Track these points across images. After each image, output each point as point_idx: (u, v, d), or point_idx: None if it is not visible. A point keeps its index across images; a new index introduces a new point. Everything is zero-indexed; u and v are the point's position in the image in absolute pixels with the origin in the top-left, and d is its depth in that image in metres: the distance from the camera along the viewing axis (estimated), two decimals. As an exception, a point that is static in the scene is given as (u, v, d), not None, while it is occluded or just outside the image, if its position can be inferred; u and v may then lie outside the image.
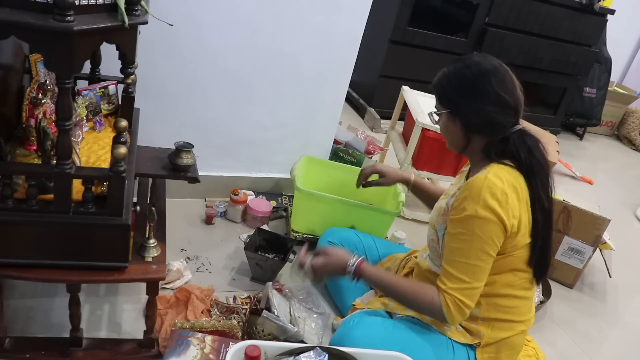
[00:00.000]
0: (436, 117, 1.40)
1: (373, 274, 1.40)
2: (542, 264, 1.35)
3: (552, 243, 1.36)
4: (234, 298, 1.68)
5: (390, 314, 1.47)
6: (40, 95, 1.25)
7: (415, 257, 1.73)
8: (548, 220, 1.32)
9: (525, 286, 1.38)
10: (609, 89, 4.68)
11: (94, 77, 1.59)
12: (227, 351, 1.35)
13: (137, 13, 1.13)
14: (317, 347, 1.16)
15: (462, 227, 1.26)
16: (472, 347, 1.37)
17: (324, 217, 1.97)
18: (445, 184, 2.84)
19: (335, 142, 2.45)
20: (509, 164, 1.29)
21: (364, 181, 1.86)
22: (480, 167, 1.33)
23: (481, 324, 1.37)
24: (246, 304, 1.65)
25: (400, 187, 2.12)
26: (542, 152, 1.32)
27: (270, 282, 1.67)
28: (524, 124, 1.38)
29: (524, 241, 1.30)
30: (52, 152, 1.18)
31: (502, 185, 1.24)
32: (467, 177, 1.45)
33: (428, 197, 1.75)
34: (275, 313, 1.50)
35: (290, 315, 1.57)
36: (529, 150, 1.29)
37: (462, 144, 1.37)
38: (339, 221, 1.95)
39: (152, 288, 1.31)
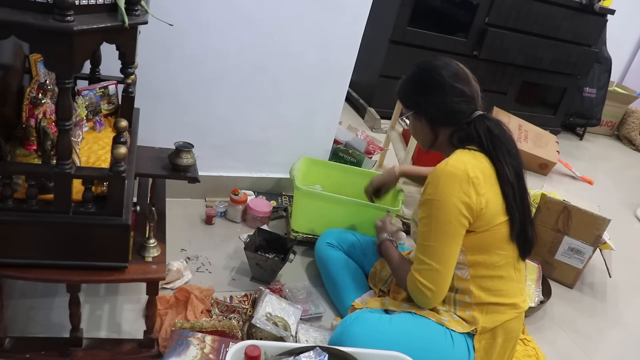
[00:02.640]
0: (407, 121, 1.53)
1: (386, 249, 1.61)
2: (524, 239, 1.38)
3: (531, 217, 1.41)
4: (231, 298, 1.68)
5: (387, 312, 1.47)
6: (40, 95, 1.25)
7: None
8: (520, 194, 1.36)
9: (512, 265, 1.40)
10: (609, 89, 4.68)
11: (94, 77, 1.59)
12: (227, 351, 1.35)
13: (137, 13, 1.13)
14: (317, 347, 1.16)
15: (423, 211, 1.35)
16: (470, 335, 1.38)
17: (324, 216, 1.97)
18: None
19: (335, 142, 2.45)
20: (472, 147, 1.36)
21: (372, 195, 1.97)
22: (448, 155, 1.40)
23: (475, 309, 1.38)
24: (244, 301, 1.65)
25: (400, 185, 2.14)
26: (503, 130, 1.39)
27: (268, 289, 1.67)
28: (522, 124, 1.40)
29: (498, 219, 1.33)
30: (52, 152, 1.18)
31: (464, 167, 1.30)
32: None
33: (421, 179, 1.84)
34: (264, 319, 1.50)
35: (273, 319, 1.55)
36: (487, 129, 1.37)
37: (431, 140, 1.47)
38: (339, 220, 1.96)
39: (152, 288, 1.31)
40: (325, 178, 2.23)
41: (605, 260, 2.37)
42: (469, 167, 1.30)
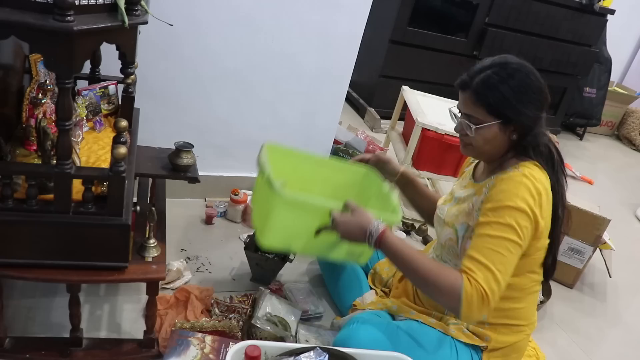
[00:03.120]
0: (473, 129, 1.27)
1: (395, 245, 1.24)
2: (553, 263, 1.36)
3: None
4: (231, 298, 1.68)
5: (393, 316, 1.47)
6: (40, 95, 1.25)
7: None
8: (564, 218, 1.33)
9: (535, 289, 1.38)
10: (609, 89, 4.68)
11: (94, 77, 1.59)
12: (227, 351, 1.35)
13: (137, 13, 1.13)
14: (318, 348, 1.15)
15: (497, 216, 1.20)
16: (476, 349, 1.37)
17: (306, 228, 1.42)
18: (445, 184, 2.84)
19: (335, 142, 2.45)
20: (537, 164, 1.27)
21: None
22: (503, 165, 1.29)
23: (488, 328, 1.37)
24: (244, 301, 1.65)
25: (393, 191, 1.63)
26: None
27: (268, 289, 1.67)
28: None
29: (544, 242, 1.30)
30: (52, 152, 1.18)
31: (537, 184, 1.22)
32: (473, 176, 1.43)
33: (415, 192, 1.62)
34: (264, 319, 1.50)
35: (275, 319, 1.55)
36: (557, 150, 1.32)
37: (503, 152, 1.30)
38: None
39: (152, 288, 1.31)
40: (293, 173, 1.66)
41: (605, 260, 2.37)
42: (540, 185, 1.22)
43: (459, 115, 1.32)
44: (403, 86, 2.79)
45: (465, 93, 1.27)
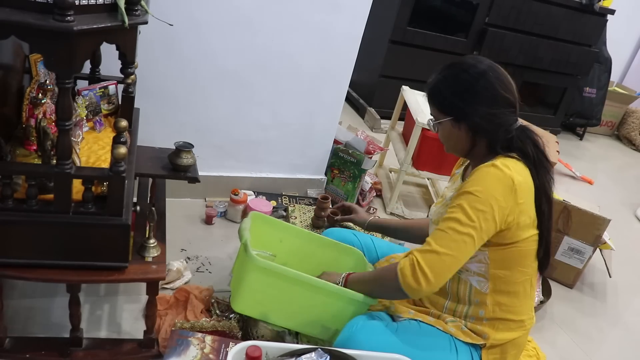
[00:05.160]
0: (432, 122, 1.40)
1: (355, 276, 1.46)
2: (546, 256, 1.37)
3: (551, 234, 1.38)
4: (232, 298, 1.68)
5: (392, 317, 1.47)
6: (40, 95, 1.25)
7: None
8: (551, 212, 1.34)
9: (530, 282, 1.39)
10: (609, 89, 4.68)
11: (94, 77, 1.59)
12: (227, 351, 1.35)
13: (137, 13, 1.13)
14: (319, 349, 1.15)
15: (456, 200, 1.28)
16: (475, 347, 1.37)
17: (280, 299, 1.44)
18: (445, 184, 2.84)
19: (335, 142, 2.45)
20: (514, 156, 1.30)
21: (331, 216, 1.88)
22: (482, 162, 1.32)
23: (486, 324, 1.37)
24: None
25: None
26: (543, 147, 1.35)
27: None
28: (525, 124, 1.38)
29: (528, 232, 1.31)
30: (52, 152, 1.18)
31: (509, 172, 1.24)
32: (463, 178, 1.46)
33: (394, 231, 1.86)
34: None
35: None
36: (534, 143, 1.32)
37: (467, 148, 1.37)
38: (299, 305, 1.45)
39: (152, 288, 1.31)
40: (277, 244, 1.69)
41: (605, 260, 2.37)
42: (514, 173, 1.25)
43: None
44: (403, 86, 2.79)
45: (426, 94, 1.40)
